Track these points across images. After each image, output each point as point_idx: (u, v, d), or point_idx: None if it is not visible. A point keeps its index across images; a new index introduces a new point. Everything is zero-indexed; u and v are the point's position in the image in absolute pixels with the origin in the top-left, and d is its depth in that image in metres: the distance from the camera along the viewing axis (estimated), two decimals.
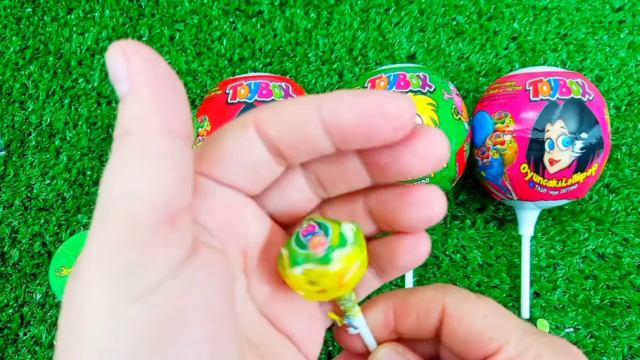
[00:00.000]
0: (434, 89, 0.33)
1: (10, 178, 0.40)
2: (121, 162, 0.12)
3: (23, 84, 0.42)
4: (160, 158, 0.12)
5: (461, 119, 0.34)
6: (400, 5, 0.44)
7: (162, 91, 0.12)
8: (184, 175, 0.13)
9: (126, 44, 0.12)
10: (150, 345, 0.12)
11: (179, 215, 0.13)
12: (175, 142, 0.12)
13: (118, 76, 0.12)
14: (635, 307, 0.38)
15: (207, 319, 0.13)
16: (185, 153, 0.13)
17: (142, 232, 0.12)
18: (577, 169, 0.33)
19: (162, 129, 0.12)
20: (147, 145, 0.12)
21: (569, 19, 0.44)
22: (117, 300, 0.11)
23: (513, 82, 0.35)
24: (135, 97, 0.12)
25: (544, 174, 0.33)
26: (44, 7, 0.43)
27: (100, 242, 0.12)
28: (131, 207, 0.12)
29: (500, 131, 0.34)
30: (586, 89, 0.33)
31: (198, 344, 0.12)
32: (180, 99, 0.13)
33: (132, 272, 0.12)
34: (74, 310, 0.12)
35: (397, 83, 0.33)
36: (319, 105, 0.15)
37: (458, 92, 0.36)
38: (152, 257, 0.12)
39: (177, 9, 0.44)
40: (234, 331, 0.14)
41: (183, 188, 0.13)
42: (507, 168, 0.34)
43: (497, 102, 0.35)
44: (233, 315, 0.14)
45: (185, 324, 0.12)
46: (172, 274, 0.12)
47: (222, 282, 0.14)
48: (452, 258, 0.39)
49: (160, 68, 0.12)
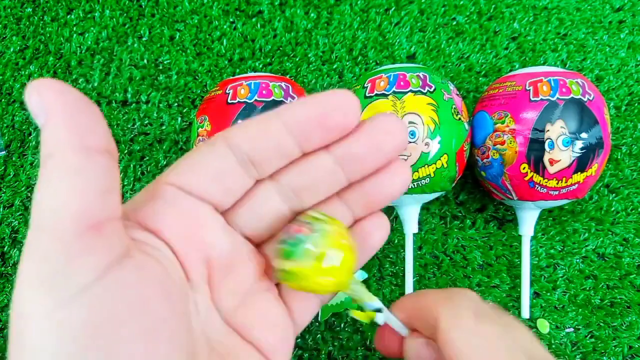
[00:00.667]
0: (434, 89, 0.33)
1: (10, 178, 0.40)
2: (45, 182, 0.13)
3: (23, 84, 0.42)
4: (76, 174, 0.13)
5: (461, 119, 0.34)
6: (400, 5, 0.44)
7: (74, 115, 0.14)
8: (105, 187, 0.14)
9: (39, 83, 0.14)
10: (85, 343, 0.13)
11: (105, 224, 0.14)
12: (91, 157, 0.14)
13: (36, 112, 0.14)
14: (635, 307, 0.38)
15: (140, 316, 0.14)
16: (105, 166, 0.14)
17: (65, 241, 0.13)
18: (577, 169, 0.33)
19: (76, 148, 0.14)
20: (64, 164, 0.13)
21: (569, 19, 0.44)
22: (50, 304, 0.13)
23: (513, 82, 0.35)
24: (51, 125, 0.14)
25: (544, 174, 0.33)
26: (44, 7, 0.43)
27: (31, 253, 0.13)
28: (54, 219, 0.13)
29: (500, 131, 0.34)
30: (586, 89, 0.33)
31: (132, 339, 0.13)
32: (93, 118, 0.14)
33: (60, 277, 0.13)
34: (17, 316, 0.13)
35: (397, 83, 0.33)
36: (280, 112, 0.17)
37: (458, 92, 0.36)
38: (77, 262, 0.13)
39: (177, 9, 0.44)
40: (176, 329, 0.15)
41: (106, 199, 0.14)
42: (507, 168, 0.34)
43: (497, 102, 0.35)
44: (173, 314, 0.15)
45: (118, 321, 0.13)
46: (99, 277, 0.13)
47: (156, 283, 0.15)
48: (452, 258, 0.39)
49: (69, 96, 0.14)
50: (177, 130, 0.41)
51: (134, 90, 0.42)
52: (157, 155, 0.41)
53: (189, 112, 0.42)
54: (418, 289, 0.39)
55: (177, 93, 0.42)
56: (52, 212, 0.13)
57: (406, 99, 0.33)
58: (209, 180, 0.17)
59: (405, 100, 0.33)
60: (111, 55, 0.43)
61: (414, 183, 0.33)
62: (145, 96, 0.42)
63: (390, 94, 0.33)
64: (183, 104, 0.42)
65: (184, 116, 0.42)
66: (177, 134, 0.41)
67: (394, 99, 0.33)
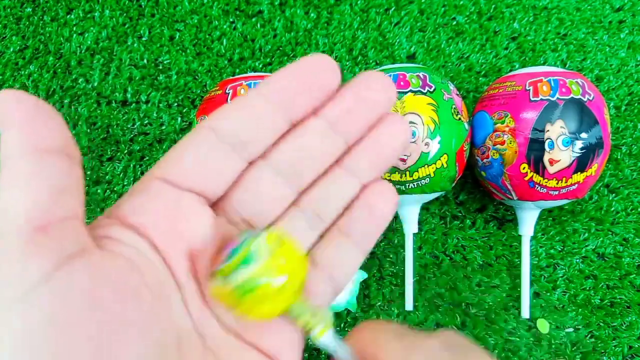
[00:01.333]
0: (434, 89, 0.33)
1: None
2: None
3: (23, 84, 0.42)
4: (27, 177, 0.14)
5: (461, 119, 0.34)
6: (400, 5, 0.44)
7: (29, 121, 0.14)
8: (60, 188, 0.14)
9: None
10: (38, 342, 0.13)
11: (55, 225, 0.14)
12: (44, 160, 0.14)
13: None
14: (635, 307, 0.38)
15: (90, 318, 0.13)
16: (60, 167, 0.14)
17: (10, 243, 0.13)
18: (577, 169, 0.33)
19: (28, 151, 0.14)
20: (16, 168, 0.14)
21: (569, 19, 0.44)
22: (1, 306, 0.13)
23: (513, 82, 0.35)
24: (7, 132, 0.14)
25: (544, 174, 0.33)
26: (44, 7, 0.43)
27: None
28: (1, 222, 0.13)
29: (500, 131, 0.34)
30: (586, 89, 0.33)
31: (82, 341, 0.13)
32: (49, 123, 0.14)
33: (4, 281, 0.13)
34: None
35: (397, 83, 0.33)
36: (259, 88, 0.17)
37: (458, 92, 0.36)
38: (22, 265, 0.13)
39: (177, 9, 0.44)
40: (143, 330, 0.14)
41: (60, 200, 0.14)
42: (507, 168, 0.34)
43: (497, 102, 0.35)
44: (140, 314, 0.15)
45: (65, 324, 0.13)
46: (45, 279, 0.13)
47: (115, 282, 0.14)
48: (452, 258, 0.39)
49: (26, 102, 0.14)
50: (177, 130, 0.41)
51: (134, 90, 0.42)
52: (157, 155, 0.41)
53: (188, 112, 0.42)
54: (418, 289, 0.39)
55: (177, 93, 0.42)
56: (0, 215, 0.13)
57: (406, 99, 0.33)
58: (194, 168, 0.17)
59: (405, 100, 0.33)
60: (111, 55, 0.43)
61: (414, 183, 0.33)
62: (145, 96, 0.42)
63: None
64: (183, 103, 0.42)
65: (184, 116, 0.42)
66: (177, 134, 0.41)
67: None
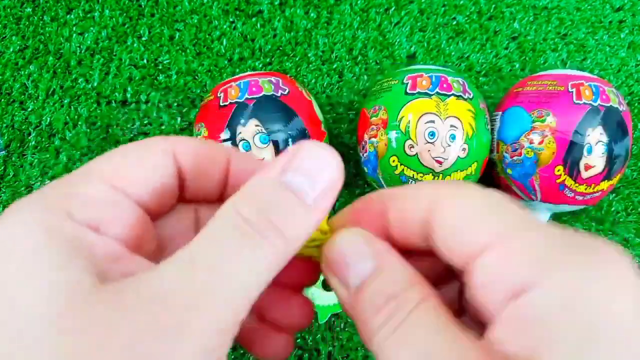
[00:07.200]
0: (472, 96, 0.33)
1: (10, 178, 0.40)
2: None
3: (23, 84, 0.42)
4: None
5: (489, 130, 0.34)
6: (400, 5, 0.44)
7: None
8: None
9: None
10: None
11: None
12: None
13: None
14: None
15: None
16: None
17: None
18: (605, 177, 0.32)
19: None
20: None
21: (569, 19, 0.44)
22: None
23: (554, 81, 0.34)
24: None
25: (577, 179, 0.32)
26: (44, 7, 0.43)
27: None
28: None
29: (538, 129, 0.33)
30: (620, 99, 0.33)
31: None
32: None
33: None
34: None
35: (440, 84, 0.33)
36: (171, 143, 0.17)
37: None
38: None
39: (177, 8, 0.44)
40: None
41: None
42: (541, 168, 0.33)
43: (536, 100, 0.34)
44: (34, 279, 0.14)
45: None
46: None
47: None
48: None
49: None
50: (176, 130, 0.41)
51: (134, 90, 0.42)
52: None
53: (188, 112, 0.42)
54: None
55: (176, 93, 0.42)
56: None
57: (449, 102, 0.32)
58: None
59: (449, 103, 0.32)
60: (111, 55, 0.43)
61: None
62: (145, 96, 0.42)
63: (433, 94, 0.32)
64: (183, 103, 0.42)
65: (184, 116, 0.42)
66: (177, 134, 0.41)
67: (438, 100, 0.32)
